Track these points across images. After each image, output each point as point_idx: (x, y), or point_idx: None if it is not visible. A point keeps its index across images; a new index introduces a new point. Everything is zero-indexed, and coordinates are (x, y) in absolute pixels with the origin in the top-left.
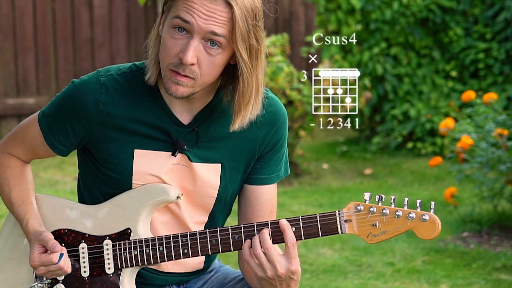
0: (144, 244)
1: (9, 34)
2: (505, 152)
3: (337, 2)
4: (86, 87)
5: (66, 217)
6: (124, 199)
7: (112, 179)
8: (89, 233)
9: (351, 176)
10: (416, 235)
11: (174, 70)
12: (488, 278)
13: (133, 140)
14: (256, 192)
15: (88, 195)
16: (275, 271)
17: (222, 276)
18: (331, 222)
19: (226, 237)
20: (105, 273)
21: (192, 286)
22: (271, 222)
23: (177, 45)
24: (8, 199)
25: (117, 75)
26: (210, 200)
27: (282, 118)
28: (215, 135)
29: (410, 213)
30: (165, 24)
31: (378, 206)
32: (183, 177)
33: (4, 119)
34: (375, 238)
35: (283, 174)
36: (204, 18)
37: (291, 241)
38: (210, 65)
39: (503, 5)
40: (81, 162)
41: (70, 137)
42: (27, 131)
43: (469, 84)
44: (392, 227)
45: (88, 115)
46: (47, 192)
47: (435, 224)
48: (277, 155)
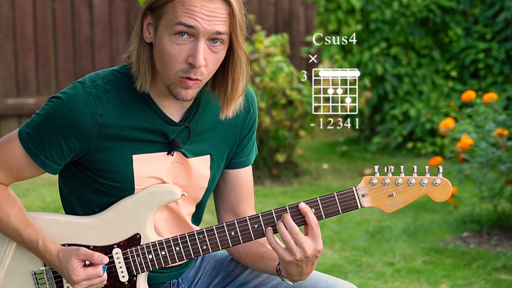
0: (158, 247)
1: (9, 34)
2: (505, 152)
3: (337, 2)
4: (80, 101)
5: (64, 232)
6: (127, 205)
7: (113, 188)
8: (94, 245)
9: (351, 176)
10: (431, 198)
11: (184, 76)
12: (488, 278)
13: (130, 147)
14: (238, 175)
15: (81, 209)
16: (304, 253)
17: (212, 260)
18: (349, 198)
19: (245, 228)
20: (119, 282)
21: (186, 276)
22: (289, 207)
23: (182, 50)
24: (7, 225)
25: (104, 84)
26: (201, 191)
27: (255, 100)
28: (203, 127)
29: (423, 179)
30: (160, 32)
31: (391, 177)
32: (178, 174)
33: (4, 119)
34: (393, 207)
35: (254, 154)
36: (208, 19)
37: (314, 222)
38: (215, 62)
39: (503, 5)
40: (69, 179)
41: (65, 153)
42: (8, 155)
43: (469, 84)
44: (407, 195)
45: (86, 130)
46: (47, 192)
47: (448, 186)
48: (252, 137)
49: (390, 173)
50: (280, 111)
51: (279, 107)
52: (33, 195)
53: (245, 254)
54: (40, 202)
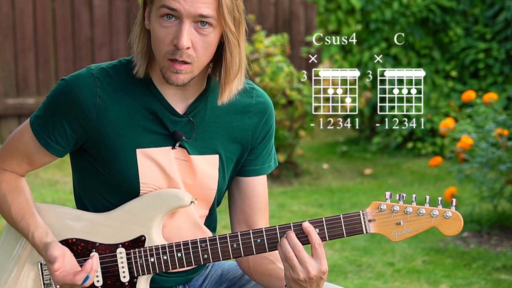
0: (161, 251)
1: (9, 34)
2: (505, 152)
3: (337, 2)
4: (80, 81)
5: (73, 226)
6: (136, 205)
7: (118, 180)
8: (100, 242)
9: (351, 176)
10: (440, 231)
11: (171, 59)
12: (488, 278)
13: (133, 139)
14: (252, 183)
15: (89, 202)
16: (307, 273)
17: (219, 269)
18: (355, 223)
19: (248, 241)
20: (120, 282)
21: (195, 284)
22: (293, 224)
23: (169, 33)
24: (9, 215)
25: (108, 68)
26: (211, 193)
27: (271, 108)
28: (210, 125)
29: (433, 210)
30: (152, 17)
31: (401, 205)
32: (184, 173)
33: (4, 119)
34: (400, 236)
35: (273, 165)
36: (191, 1)
37: (317, 242)
38: (205, 46)
39: (503, 5)
40: (80, 168)
41: (67, 135)
42: (20, 140)
43: (469, 84)
44: (416, 225)
45: (86, 110)
46: (47, 192)
47: (459, 220)
48: (268, 145)
49: (401, 201)
50: (280, 111)
51: (279, 107)
52: (33, 195)
53: (254, 270)
54: (40, 202)
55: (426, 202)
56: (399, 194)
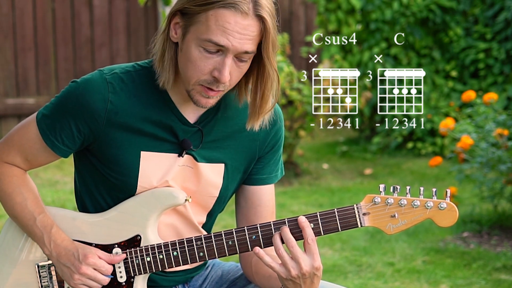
0: (157, 250)
1: (9, 34)
2: (505, 152)
3: (337, 2)
4: (93, 85)
5: (69, 228)
6: (130, 205)
7: (117, 180)
8: (96, 242)
9: (351, 176)
10: (435, 223)
11: (206, 86)
12: (488, 278)
13: (139, 142)
14: (258, 192)
15: (89, 200)
16: (299, 269)
17: (220, 270)
18: (350, 216)
19: (243, 238)
20: (117, 282)
21: (194, 284)
22: (288, 220)
23: (209, 63)
24: (22, 207)
25: (121, 73)
26: (211, 200)
27: (281, 119)
28: (219, 135)
29: (428, 202)
30: (189, 38)
31: (395, 197)
32: (187, 179)
33: (4, 119)
34: (395, 229)
35: (279, 175)
36: (239, 38)
37: (310, 237)
38: (239, 75)
39: (503, 5)
40: (82, 167)
41: (74, 136)
42: (25, 137)
43: (469, 84)
44: (410, 217)
45: (96, 114)
46: (47, 192)
47: (454, 211)
48: (276, 155)
49: (395, 193)
50: None
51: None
52: None
53: (256, 273)
54: None
55: (420, 193)
56: (393, 187)
